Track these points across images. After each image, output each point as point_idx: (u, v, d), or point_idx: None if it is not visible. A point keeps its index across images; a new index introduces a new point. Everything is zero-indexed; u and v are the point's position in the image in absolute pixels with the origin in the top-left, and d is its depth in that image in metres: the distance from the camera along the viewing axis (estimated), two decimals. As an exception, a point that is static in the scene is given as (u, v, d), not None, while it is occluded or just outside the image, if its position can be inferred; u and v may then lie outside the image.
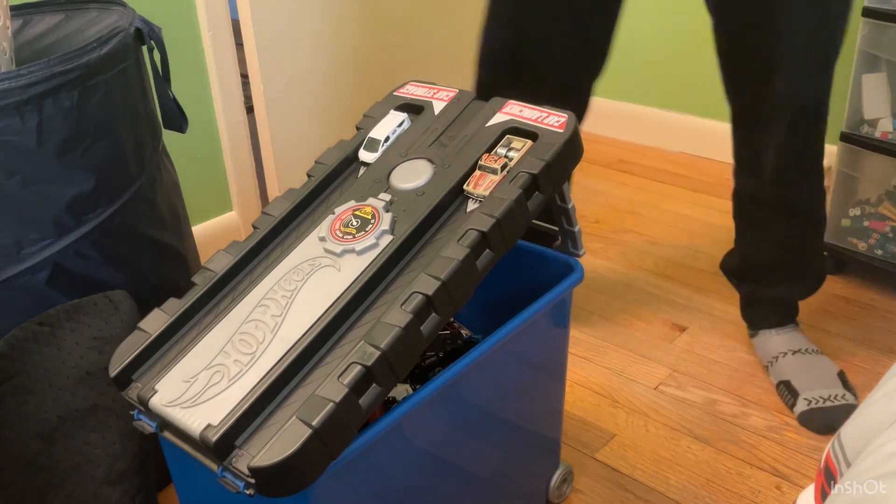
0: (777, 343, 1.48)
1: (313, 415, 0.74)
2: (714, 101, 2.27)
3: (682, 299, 1.71)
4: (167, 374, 0.84)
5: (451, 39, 2.33)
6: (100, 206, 1.09)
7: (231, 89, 1.86)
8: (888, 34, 1.58)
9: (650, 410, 1.41)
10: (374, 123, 1.04)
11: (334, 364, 0.80)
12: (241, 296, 0.90)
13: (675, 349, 1.56)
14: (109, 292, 1.09)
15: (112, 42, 1.08)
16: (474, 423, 0.99)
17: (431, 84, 1.09)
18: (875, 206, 1.69)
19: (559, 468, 1.20)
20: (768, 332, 1.49)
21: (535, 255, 1.11)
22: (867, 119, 1.65)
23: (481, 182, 0.93)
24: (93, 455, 1.05)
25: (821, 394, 1.38)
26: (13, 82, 0.98)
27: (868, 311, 1.64)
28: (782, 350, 1.46)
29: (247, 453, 0.75)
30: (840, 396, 1.38)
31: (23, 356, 1.03)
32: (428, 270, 0.84)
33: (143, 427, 0.84)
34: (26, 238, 1.03)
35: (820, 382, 1.40)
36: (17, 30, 1.23)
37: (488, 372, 0.97)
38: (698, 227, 1.98)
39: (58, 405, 1.04)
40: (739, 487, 1.25)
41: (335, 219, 0.93)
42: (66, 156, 1.04)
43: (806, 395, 1.38)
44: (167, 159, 1.29)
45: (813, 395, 1.38)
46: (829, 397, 1.37)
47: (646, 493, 1.24)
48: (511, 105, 1.01)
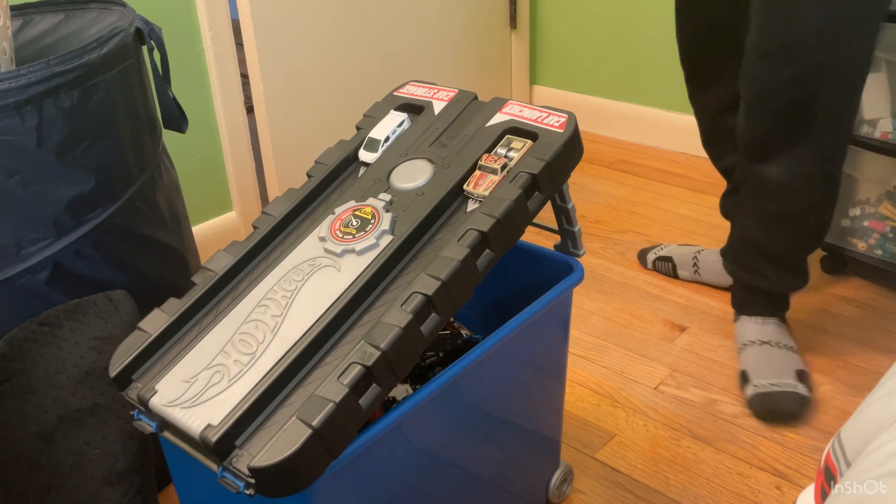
0: (750, 331, 1.49)
1: (313, 415, 0.74)
2: (714, 101, 2.27)
3: (682, 299, 1.71)
4: (167, 374, 0.84)
5: (451, 40, 2.33)
6: (100, 206, 1.09)
7: (231, 89, 1.86)
8: (888, 34, 1.58)
9: (650, 410, 1.41)
10: (374, 123, 1.04)
11: (334, 364, 0.80)
12: (241, 296, 0.90)
13: (675, 349, 1.56)
14: (109, 292, 1.09)
15: (112, 42, 1.08)
16: (474, 423, 0.99)
17: (431, 84, 1.09)
18: (875, 206, 1.69)
19: (559, 468, 1.20)
20: (747, 318, 1.50)
21: (535, 255, 1.11)
22: (867, 119, 1.65)
23: (481, 182, 0.93)
24: (93, 455, 1.05)
25: (770, 381, 1.39)
26: (13, 82, 0.98)
27: (868, 311, 1.64)
28: (752, 339, 1.47)
29: (247, 453, 0.75)
30: (789, 385, 1.38)
31: (23, 356, 1.03)
32: (428, 270, 0.84)
33: (143, 427, 0.84)
34: (26, 238, 1.03)
35: (772, 372, 1.41)
36: (17, 30, 1.23)
37: (488, 372, 0.97)
38: (698, 227, 1.98)
39: (58, 405, 1.04)
40: (739, 487, 1.25)
41: (335, 219, 0.93)
42: (66, 156, 1.04)
43: (755, 381, 1.40)
44: (167, 159, 1.29)
45: (761, 382, 1.39)
46: (776, 384, 1.38)
47: (646, 493, 1.24)
48: (511, 105, 1.01)
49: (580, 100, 2.53)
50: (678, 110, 2.36)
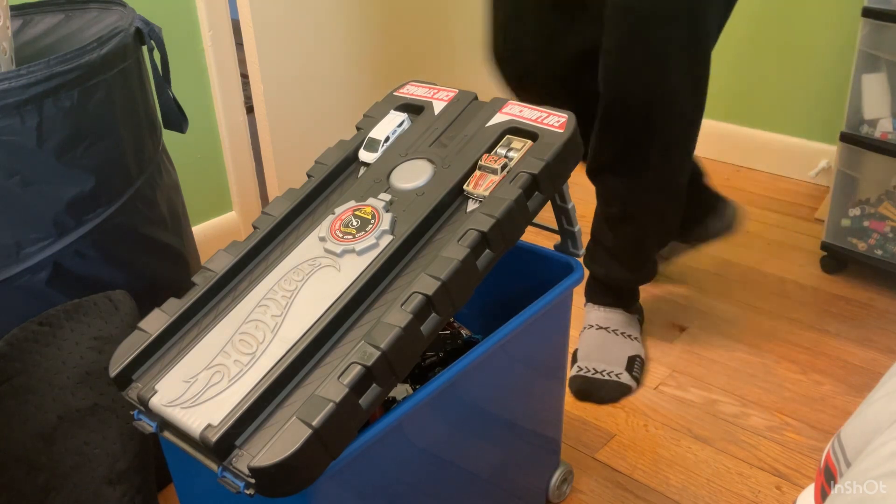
0: (592, 317, 1.52)
1: (313, 415, 0.74)
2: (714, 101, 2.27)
3: (682, 299, 1.71)
4: (167, 374, 0.84)
5: (450, 39, 2.33)
6: (100, 206, 1.09)
7: (231, 89, 1.86)
8: (888, 34, 1.58)
9: (650, 410, 1.41)
10: (374, 123, 1.04)
11: (334, 364, 0.80)
12: (241, 296, 0.90)
13: (675, 349, 1.56)
14: (109, 292, 1.09)
15: (112, 42, 1.08)
16: (474, 423, 0.99)
17: (431, 84, 1.09)
18: (875, 206, 1.70)
19: (559, 468, 1.20)
20: (592, 305, 1.53)
21: (535, 255, 1.11)
22: (867, 119, 1.65)
23: (481, 182, 0.93)
24: (93, 455, 1.05)
25: (595, 365, 1.41)
26: (13, 82, 0.98)
27: (868, 311, 1.64)
28: (591, 323, 1.51)
29: (247, 453, 0.75)
30: (614, 374, 1.40)
31: (23, 356, 1.03)
32: (428, 270, 0.84)
33: (143, 427, 0.84)
34: (26, 238, 1.03)
35: (601, 357, 1.43)
36: (17, 30, 1.23)
37: (488, 372, 0.97)
38: (698, 227, 1.98)
39: (58, 405, 1.04)
40: (739, 487, 1.25)
41: (335, 219, 0.93)
42: (66, 156, 1.04)
43: (581, 363, 1.42)
44: (167, 159, 1.29)
45: (587, 365, 1.41)
46: (601, 371, 1.41)
47: (646, 493, 1.24)
48: (511, 105, 1.01)
49: (580, 100, 2.52)
50: (678, 110, 2.35)
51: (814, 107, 2.10)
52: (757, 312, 1.66)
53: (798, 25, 2.06)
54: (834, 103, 2.00)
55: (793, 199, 2.09)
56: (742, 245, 1.89)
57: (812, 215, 2.00)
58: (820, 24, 2.02)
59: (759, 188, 2.14)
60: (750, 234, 1.94)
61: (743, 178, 2.20)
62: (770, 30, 2.11)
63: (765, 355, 1.53)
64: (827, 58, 2.03)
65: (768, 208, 2.05)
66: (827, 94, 2.05)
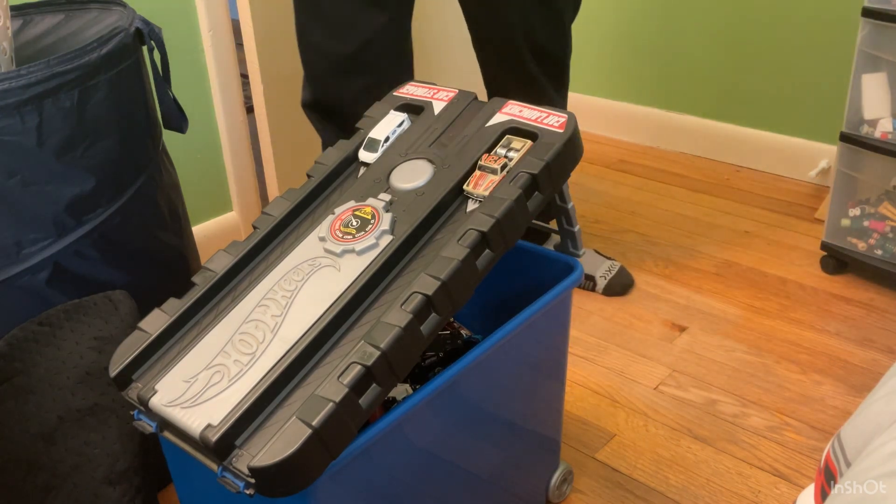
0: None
1: (313, 415, 0.74)
2: (714, 102, 2.28)
3: (682, 299, 1.71)
4: (167, 374, 0.84)
5: (451, 40, 2.32)
6: (100, 206, 1.09)
7: (231, 89, 1.86)
8: (888, 34, 1.58)
9: (650, 410, 1.41)
10: (374, 123, 1.04)
11: (334, 364, 0.80)
12: (241, 296, 0.90)
13: (675, 349, 1.56)
14: (109, 292, 1.09)
15: (112, 42, 1.09)
16: (474, 423, 0.99)
17: (431, 84, 1.09)
18: (875, 206, 1.70)
19: (559, 468, 1.20)
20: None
21: (535, 255, 1.11)
22: (867, 119, 1.65)
23: (481, 182, 0.93)
24: (93, 455, 1.05)
25: (602, 273, 1.75)
26: (13, 82, 0.98)
27: (868, 311, 1.64)
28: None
29: (247, 453, 0.75)
30: (614, 267, 1.75)
31: (23, 356, 1.03)
32: (428, 270, 0.84)
33: (143, 427, 0.84)
34: (26, 238, 1.03)
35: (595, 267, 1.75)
36: (17, 30, 1.23)
37: (488, 372, 0.97)
38: (698, 227, 1.98)
39: (58, 405, 1.04)
40: (739, 487, 1.25)
41: (335, 219, 0.93)
42: (66, 156, 1.04)
43: (598, 275, 1.74)
44: (167, 159, 1.29)
45: (603, 273, 1.75)
46: (609, 269, 1.75)
47: (646, 493, 1.24)
48: (511, 105, 1.01)
49: (580, 100, 2.52)
50: (678, 110, 2.36)
51: (814, 107, 2.10)
52: (757, 312, 1.66)
53: (798, 25, 2.06)
54: (834, 103, 2.00)
55: (793, 199, 2.09)
56: (742, 245, 1.90)
57: (812, 215, 2.00)
58: (820, 24, 2.02)
59: (759, 188, 2.14)
60: (750, 234, 1.94)
61: (743, 178, 2.20)
62: (770, 30, 2.11)
63: (765, 355, 1.53)
64: (827, 58, 2.03)
65: (768, 208, 2.05)
66: (827, 94, 2.05)
